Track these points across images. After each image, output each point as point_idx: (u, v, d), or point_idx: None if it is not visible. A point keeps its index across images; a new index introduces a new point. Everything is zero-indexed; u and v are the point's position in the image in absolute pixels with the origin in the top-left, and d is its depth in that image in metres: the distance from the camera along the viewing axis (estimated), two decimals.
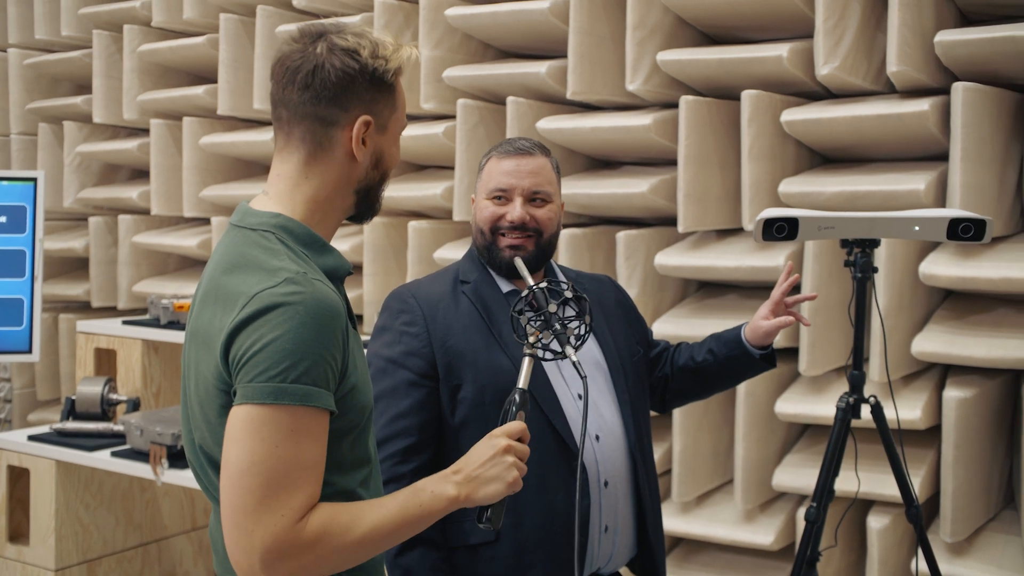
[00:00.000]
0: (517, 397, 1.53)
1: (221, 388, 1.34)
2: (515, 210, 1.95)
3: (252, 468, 1.27)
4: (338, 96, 1.41)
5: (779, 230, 2.21)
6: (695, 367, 2.18)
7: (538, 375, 1.91)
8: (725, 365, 2.15)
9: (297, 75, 1.41)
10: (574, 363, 1.54)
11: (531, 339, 1.56)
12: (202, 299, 1.42)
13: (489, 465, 1.41)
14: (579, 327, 1.60)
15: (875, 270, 2.31)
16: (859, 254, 2.28)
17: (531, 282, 1.62)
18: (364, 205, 1.50)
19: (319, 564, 1.31)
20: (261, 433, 1.28)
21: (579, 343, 1.59)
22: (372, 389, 1.53)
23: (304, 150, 1.44)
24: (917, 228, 2.23)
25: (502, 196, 1.96)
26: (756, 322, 2.10)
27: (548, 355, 1.58)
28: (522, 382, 1.54)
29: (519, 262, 1.85)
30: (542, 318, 1.56)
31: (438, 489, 1.39)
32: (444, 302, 1.96)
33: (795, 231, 2.21)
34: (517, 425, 1.47)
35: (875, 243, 2.26)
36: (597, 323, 2.06)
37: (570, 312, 1.61)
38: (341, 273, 1.46)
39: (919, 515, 2.34)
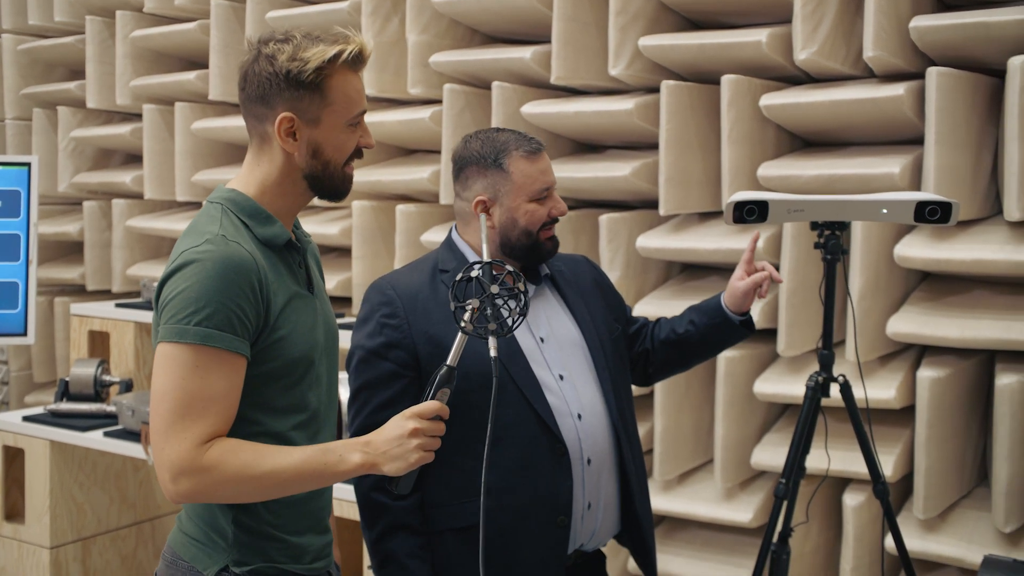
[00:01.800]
0: (443, 373, 1.58)
1: (157, 331, 1.59)
2: (559, 203, 2.03)
3: (164, 396, 1.53)
4: (262, 97, 1.64)
5: (749, 213, 2.25)
6: (677, 339, 2.23)
7: (518, 359, 1.95)
8: (707, 334, 2.21)
9: (240, 80, 1.67)
10: (492, 357, 1.56)
11: (467, 315, 1.56)
12: None
13: (395, 444, 1.54)
14: (510, 316, 1.58)
15: (845, 252, 2.36)
16: (829, 236, 2.33)
17: (486, 257, 1.64)
18: (320, 189, 1.70)
19: (217, 488, 1.53)
20: (169, 368, 1.53)
21: (509, 328, 1.59)
22: (318, 349, 1.69)
23: (254, 142, 1.70)
24: (885, 211, 2.27)
25: (546, 196, 2.02)
26: (733, 284, 2.17)
27: (491, 330, 1.56)
28: (450, 359, 1.58)
29: (483, 220, 1.85)
30: (483, 295, 1.57)
31: (346, 454, 1.55)
32: (423, 292, 2.00)
33: (765, 214, 2.26)
34: (431, 405, 1.56)
35: (844, 226, 2.31)
36: (574, 302, 2.10)
37: (509, 297, 1.60)
38: (278, 242, 1.66)
39: (886, 491, 2.40)
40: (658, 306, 3.27)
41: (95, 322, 4.17)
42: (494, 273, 1.59)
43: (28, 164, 4.09)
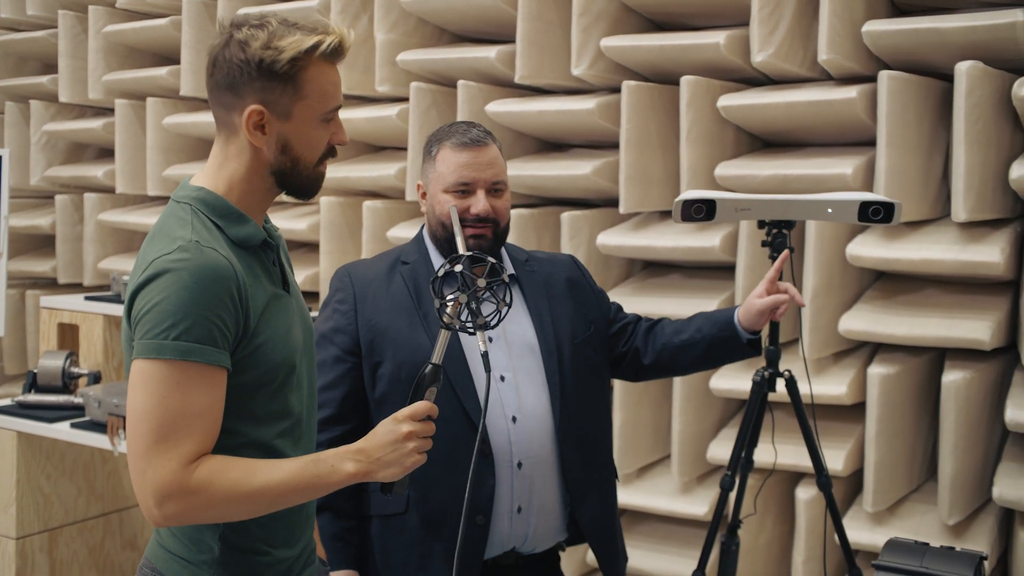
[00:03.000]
0: (428, 371, 1.55)
1: (131, 345, 1.48)
2: (479, 203, 1.96)
3: (144, 416, 1.42)
4: (231, 85, 1.52)
5: (697, 211, 2.31)
6: (680, 344, 2.17)
7: (456, 355, 1.95)
8: (712, 346, 2.15)
9: (208, 65, 1.55)
10: (483, 353, 1.55)
11: (449, 311, 1.53)
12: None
13: (389, 449, 1.50)
14: (493, 314, 1.56)
15: (791, 250, 2.41)
16: (776, 235, 2.38)
17: (461, 250, 1.61)
18: (289, 187, 1.60)
19: (206, 509, 1.43)
20: (148, 385, 1.42)
21: (493, 322, 1.57)
22: (298, 351, 1.62)
23: (222, 134, 1.58)
24: (830, 210, 2.33)
25: (465, 191, 1.97)
26: (751, 301, 2.12)
27: (470, 327, 1.55)
28: (435, 357, 1.55)
29: (454, 211, 1.87)
30: (466, 291, 1.53)
31: (338, 463, 1.49)
32: (377, 281, 2.03)
33: (713, 212, 2.32)
34: (423, 406, 1.53)
35: (790, 224, 2.37)
36: (534, 303, 2.08)
37: (489, 292, 1.59)
38: (253, 242, 1.57)
39: (828, 483, 2.47)
40: (620, 302, 3.32)
41: (64, 315, 4.19)
42: (472, 266, 1.55)
43: None
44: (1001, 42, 2.77)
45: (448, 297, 1.52)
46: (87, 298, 4.20)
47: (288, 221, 4.06)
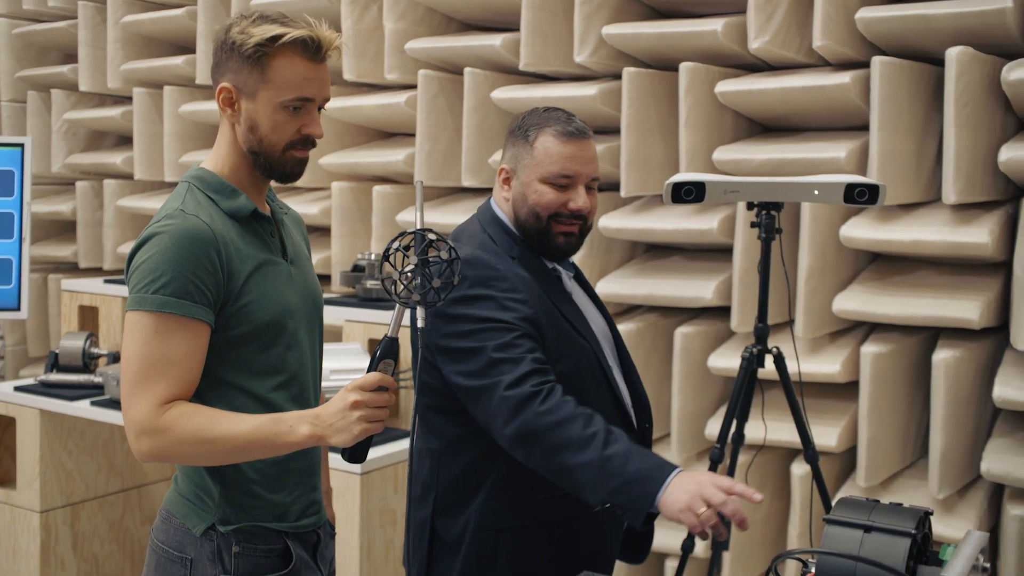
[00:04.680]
0: (383, 344, 1.57)
1: None
2: (579, 198, 1.88)
3: (129, 361, 1.62)
4: (216, 65, 1.73)
5: (687, 193, 2.39)
6: None
7: (597, 353, 1.91)
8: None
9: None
10: (420, 328, 1.50)
11: (401, 285, 1.50)
12: None
13: (339, 416, 1.57)
14: (443, 285, 1.52)
15: (779, 231, 2.50)
16: (764, 216, 2.47)
17: (418, 225, 1.53)
18: (260, 167, 1.74)
19: (173, 449, 1.61)
20: (133, 334, 1.62)
21: (434, 300, 1.52)
22: (292, 313, 1.74)
23: (221, 117, 1.76)
24: (817, 192, 2.41)
25: (565, 184, 1.88)
26: (682, 498, 1.61)
27: (419, 300, 1.50)
28: (391, 330, 1.57)
29: (419, 187, 1.63)
30: (419, 266, 1.49)
31: (296, 425, 1.60)
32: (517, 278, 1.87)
33: (702, 194, 2.40)
34: (370, 378, 1.56)
35: (778, 206, 2.45)
36: (595, 296, 2.05)
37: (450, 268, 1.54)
38: (243, 213, 1.73)
39: (815, 456, 2.55)
40: (621, 284, 3.42)
41: (85, 297, 4.32)
42: (430, 239, 1.50)
43: (22, 145, 4.23)
44: (991, 27, 2.83)
45: (406, 269, 1.50)
46: (107, 281, 4.33)
47: (300, 206, 4.17)
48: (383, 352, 1.58)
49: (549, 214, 1.88)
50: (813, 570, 1.27)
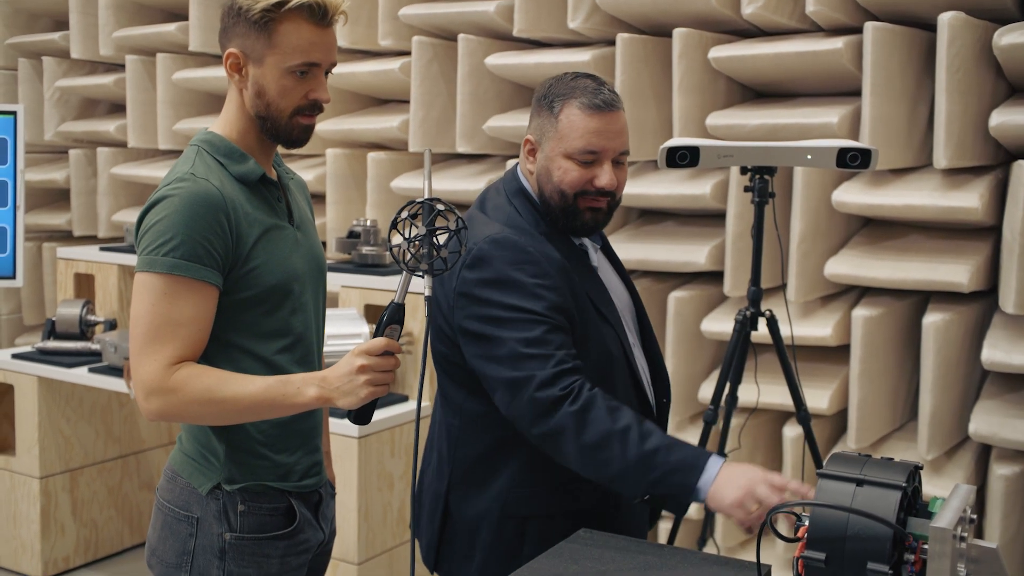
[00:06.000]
0: (390, 310, 1.59)
1: None
2: (605, 175, 1.79)
3: (138, 321, 1.65)
4: (224, 31, 1.74)
5: (681, 157, 2.41)
6: None
7: (621, 337, 1.87)
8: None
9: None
10: (426, 297, 1.51)
11: (409, 253, 1.50)
12: None
13: (346, 380, 1.59)
14: (444, 258, 1.52)
15: (772, 195, 2.52)
16: (757, 180, 2.49)
17: (426, 195, 1.54)
18: (267, 131, 1.76)
19: (183, 408, 1.63)
20: (142, 294, 1.65)
21: (441, 269, 1.52)
22: (298, 278, 1.77)
23: (229, 82, 1.78)
24: (809, 156, 2.44)
25: (592, 161, 1.80)
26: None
27: (424, 269, 1.51)
28: (397, 296, 1.58)
29: (427, 154, 1.65)
30: (426, 234, 1.50)
31: (304, 387, 1.63)
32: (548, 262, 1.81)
33: (696, 159, 2.42)
34: (377, 343, 1.59)
35: (771, 170, 2.47)
36: (621, 269, 2.03)
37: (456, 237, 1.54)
38: (251, 178, 1.75)
39: (807, 417, 2.59)
40: (615, 249, 3.43)
41: (80, 265, 4.34)
42: (439, 209, 1.50)
43: (14, 113, 4.22)
44: None
45: (414, 236, 1.50)
46: (102, 249, 4.34)
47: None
48: (389, 318, 1.59)
49: (576, 191, 1.80)
50: (807, 523, 1.31)
